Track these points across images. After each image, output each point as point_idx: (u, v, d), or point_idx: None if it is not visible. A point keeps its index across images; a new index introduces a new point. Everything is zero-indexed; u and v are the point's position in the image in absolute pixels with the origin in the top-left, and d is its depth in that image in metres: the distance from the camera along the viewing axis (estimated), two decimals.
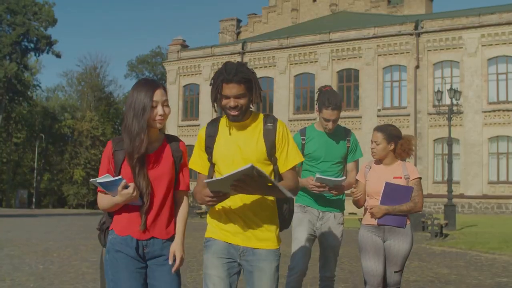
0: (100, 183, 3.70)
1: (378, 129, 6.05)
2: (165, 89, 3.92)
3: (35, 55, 76.65)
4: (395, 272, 5.83)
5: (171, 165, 3.91)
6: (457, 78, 46.08)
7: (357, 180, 6.08)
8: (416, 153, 45.94)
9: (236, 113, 3.83)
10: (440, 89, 41.79)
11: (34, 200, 76.99)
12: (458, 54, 46.28)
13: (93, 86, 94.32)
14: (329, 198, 5.91)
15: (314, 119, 48.32)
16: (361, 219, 6.09)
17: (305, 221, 5.86)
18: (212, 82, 3.89)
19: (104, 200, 3.82)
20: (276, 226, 4.00)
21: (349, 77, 50.86)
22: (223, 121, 4.00)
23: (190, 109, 58.33)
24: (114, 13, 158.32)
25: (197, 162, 4.06)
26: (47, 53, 74.64)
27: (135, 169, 3.78)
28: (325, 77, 50.79)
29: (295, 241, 5.87)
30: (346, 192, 6.10)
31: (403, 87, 48.39)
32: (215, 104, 3.89)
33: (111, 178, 3.69)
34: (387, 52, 49.04)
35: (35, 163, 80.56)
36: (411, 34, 48.00)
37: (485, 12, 46.33)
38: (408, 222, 5.86)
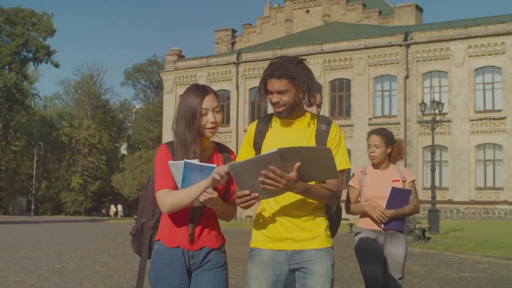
0: (191, 164, 3.50)
1: (375, 132, 5.97)
2: (216, 95, 3.77)
3: (34, 65, 78.11)
4: (399, 278, 5.76)
5: None
6: (445, 88, 47.68)
7: (350, 186, 5.97)
8: (406, 160, 47.55)
9: (279, 109, 3.69)
10: (428, 99, 43.52)
11: (32, 207, 78.06)
12: (446, 65, 47.83)
13: (90, 94, 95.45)
14: None
15: None
16: (351, 224, 6.41)
17: None
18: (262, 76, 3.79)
19: (178, 195, 3.56)
20: (326, 223, 3.78)
21: (341, 87, 52.37)
22: (275, 118, 3.85)
23: None
24: (110, 22, 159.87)
25: (244, 157, 3.73)
26: (46, 63, 76.13)
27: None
28: None
29: None
30: None
31: (393, 97, 49.93)
32: (260, 98, 3.78)
33: (204, 164, 3.54)
34: (378, 63, 50.58)
35: (34, 171, 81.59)
36: (400, 45, 49.56)
37: (471, 24, 47.92)
38: (402, 230, 5.88)
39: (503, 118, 45.39)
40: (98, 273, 12.58)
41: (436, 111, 32.58)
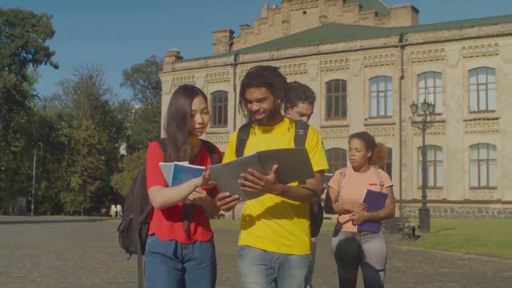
0: (181, 166, 3.68)
1: (357, 136, 6.04)
2: (204, 96, 3.96)
3: (33, 66, 78.77)
4: (379, 270, 5.81)
5: None
6: (440, 88, 48.30)
7: (329, 186, 6.05)
8: (401, 160, 48.17)
9: (260, 116, 3.83)
10: (423, 100, 44.19)
11: (32, 207, 78.59)
12: (441, 66, 48.45)
13: (89, 95, 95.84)
14: None
15: None
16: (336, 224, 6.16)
17: None
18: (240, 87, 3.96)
19: (169, 192, 3.75)
20: (308, 231, 3.98)
21: (337, 88, 52.99)
22: (255, 126, 3.99)
23: None
24: (109, 23, 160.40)
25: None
26: (45, 64, 76.75)
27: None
28: (314, 88, 51.73)
29: None
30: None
31: (389, 97, 50.54)
32: (242, 109, 3.92)
33: (194, 166, 3.72)
34: (373, 64, 51.19)
35: (33, 171, 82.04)
36: (396, 46, 50.17)
37: (466, 26, 48.52)
38: (382, 228, 6.00)
39: (497, 119, 45.98)
40: (95, 269, 13.20)
41: (427, 112, 33.12)
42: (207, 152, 4.03)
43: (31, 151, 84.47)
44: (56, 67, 77.83)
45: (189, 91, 3.91)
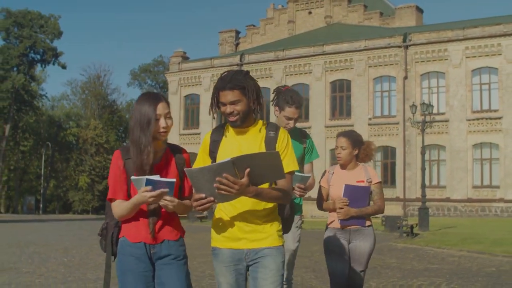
0: (151, 180, 3.76)
1: (343, 134, 6.12)
2: (167, 102, 4.07)
3: (41, 66, 79.55)
4: (360, 271, 5.98)
5: (175, 173, 4.04)
6: (443, 88, 48.75)
7: (320, 185, 6.19)
8: (405, 159, 48.63)
9: (233, 118, 3.94)
10: (426, 100, 44.75)
11: (41, 206, 79.34)
12: (444, 66, 48.91)
13: (97, 95, 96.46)
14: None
15: (309, 128, 51.05)
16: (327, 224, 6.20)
17: None
18: (213, 90, 4.05)
19: (122, 207, 3.93)
20: (278, 224, 4.08)
21: (341, 88, 53.50)
22: (228, 128, 4.10)
23: (191, 118, 61.00)
24: (116, 23, 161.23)
25: (200, 165, 3.99)
26: (53, 64, 77.51)
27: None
28: (319, 88, 53.65)
29: None
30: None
31: (393, 97, 51.03)
32: (213, 111, 4.03)
33: (164, 179, 3.80)
34: (377, 64, 51.68)
35: (42, 170, 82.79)
36: (399, 47, 50.64)
37: (469, 26, 48.96)
38: (370, 223, 6.06)
39: (499, 118, 46.41)
40: (100, 265, 13.83)
41: (426, 113, 33.60)
42: (172, 154, 4.11)
43: (40, 150, 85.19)
44: (64, 67, 78.68)
45: (153, 97, 4.03)
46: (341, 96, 53.59)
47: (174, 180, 3.78)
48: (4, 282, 11.01)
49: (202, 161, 4.10)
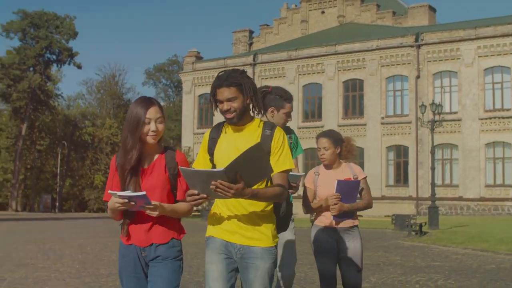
0: (120, 196, 3.86)
1: (323, 135, 6.13)
2: (160, 107, 4.14)
3: (57, 66, 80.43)
4: (357, 271, 5.98)
5: (164, 176, 4.10)
6: (455, 88, 49.00)
7: (305, 186, 6.19)
8: (418, 158, 48.84)
9: (230, 115, 4.03)
10: (439, 99, 45.10)
11: (57, 204, 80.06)
12: (456, 65, 49.12)
13: (112, 94, 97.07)
14: None
15: (322, 127, 51.34)
16: (313, 219, 6.24)
17: None
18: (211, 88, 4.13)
19: (108, 210, 4.06)
20: (272, 225, 4.15)
21: (354, 87, 53.84)
22: (226, 125, 4.19)
23: (205, 118, 61.55)
24: (131, 23, 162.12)
25: (200, 162, 4.23)
26: (69, 64, 78.28)
27: (125, 181, 4.02)
28: (332, 87, 54.03)
29: None
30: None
31: (405, 96, 51.32)
32: (213, 108, 4.14)
33: (134, 194, 3.85)
34: (390, 63, 51.98)
35: (58, 169, 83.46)
36: (412, 46, 50.92)
37: (481, 25, 49.14)
38: (357, 223, 6.12)
39: None
40: (114, 261, 14.32)
41: (436, 112, 33.86)
42: (164, 159, 4.16)
43: (56, 149, 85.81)
44: (79, 67, 79.43)
45: (146, 101, 4.11)
46: (353, 96, 53.93)
47: (144, 193, 3.81)
48: (22, 276, 11.53)
49: (202, 158, 4.24)
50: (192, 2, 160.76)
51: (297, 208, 6.36)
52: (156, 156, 4.14)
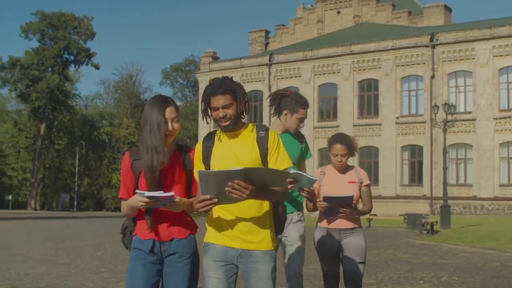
0: (150, 197, 3.89)
1: (340, 141, 6.12)
2: (176, 106, 4.20)
3: (75, 66, 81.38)
4: (359, 263, 6.02)
5: (183, 173, 4.19)
6: (470, 87, 49.13)
7: None
8: (432, 158, 49.02)
9: (226, 122, 4.05)
10: (453, 99, 45.34)
11: (75, 203, 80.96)
12: (471, 65, 49.24)
13: (129, 94, 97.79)
14: (291, 199, 5.97)
15: (337, 127, 51.75)
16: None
17: None
18: (202, 98, 4.15)
19: (125, 207, 4.15)
20: (271, 229, 4.19)
21: (369, 87, 54.12)
22: (219, 133, 4.21)
23: None
24: (148, 23, 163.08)
25: (195, 173, 4.16)
26: (87, 65, 79.29)
27: (152, 181, 4.06)
28: (347, 87, 54.36)
29: None
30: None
31: (420, 96, 51.51)
32: (207, 117, 4.16)
33: (164, 194, 3.89)
34: (405, 63, 52.20)
35: (76, 168, 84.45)
36: (426, 46, 51.09)
37: (496, 25, 49.22)
38: (359, 225, 6.18)
39: None
40: None
41: (448, 113, 34.14)
42: (180, 155, 4.24)
43: (74, 149, 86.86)
44: (97, 67, 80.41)
45: (162, 101, 4.16)
46: (369, 95, 54.19)
47: (172, 193, 3.90)
48: (44, 272, 12.09)
49: (197, 168, 4.19)
50: (209, 2, 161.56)
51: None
52: (171, 154, 4.19)
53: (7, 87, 78.21)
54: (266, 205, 4.15)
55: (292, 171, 5.33)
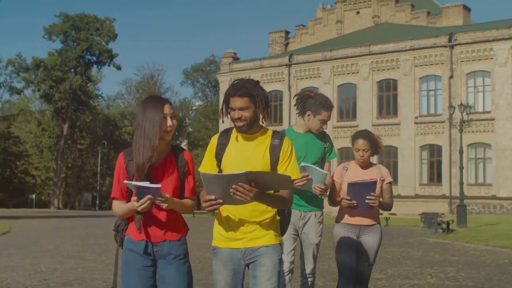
0: (137, 186, 3.87)
1: (362, 136, 6.22)
2: (171, 104, 4.18)
3: (97, 67, 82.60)
4: (368, 265, 6.20)
5: (175, 174, 4.15)
6: (489, 87, 49.34)
7: (333, 180, 6.26)
8: (451, 158, 49.27)
9: (240, 124, 4.09)
10: (472, 98, 45.64)
11: (97, 202, 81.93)
12: (489, 65, 49.47)
13: (150, 94, 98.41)
14: (309, 197, 6.05)
15: (357, 127, 52.17)
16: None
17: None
18: (224, 96, 4.20)
19: (120, 208, 4.09)
20: (276, 225, 4.26)
21: (388, 87, 54.50)
22: (235, 132, 4.25)
23: None
24: (169, 24, 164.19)
25: (207, 166, 4.26)
26: (109, 65, 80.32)
27: (142, 179, 4.00)
28: (366, 87, 54.79)
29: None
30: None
31: (438, 96, 51.81)
32: (222, 115, 4.20)
33: (151, 185, 3.86)
34: (423, 63, 52.53)
35: (98, 168, 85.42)
36: (445, 46, 51.37)
37: None
38: (378, 221, 6.30)
39: None
40: None
41: (464, 114, 34.50)
42: (174, 156, 4.22)
43: (96, 148, 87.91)
44: (119, 68, 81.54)
45: (159, 99, 4.18)
46: (387, 95, 54.56)
47: (159, 185, 3.86)
48: (72, 267, 12.80)
49: (208, 162, 4.29)
50: (230, 3, 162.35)
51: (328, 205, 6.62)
52: (165, 154, 4.20)
53: (31, 87, 79.77)
54: (270, 210, 4.20)
55: (302, 164, 5.69)
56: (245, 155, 4.15)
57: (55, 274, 11.61)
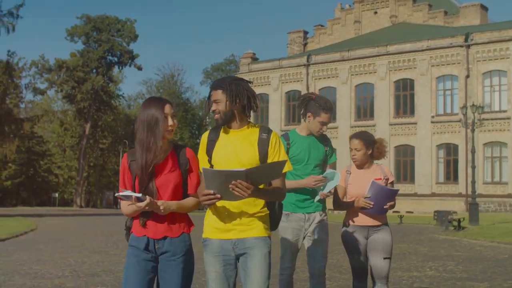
0: (124, 196, 3.97)
1: (356, 136, 6.24)
2: (171, 104, 4.28)
3: (118, 68, 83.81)
4: (385, 258, 6.07)
5: (177, 172, 4.22)
6: (505, 86, 49.72)
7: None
8: (467, 157, 49.76)
9: (216, 116, 4.25)
10: (488, 98, 46.13)
11: (119, 201, 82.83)
12: (506, 64, 49.82)
13: (171, 93, 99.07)
14: (311, 199, 6.11)
15: (374, 126, 52.87)
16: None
17: (289, 230, 6.05)
18: None
19: (127, 208, 4.15)
20: (266, 218, 4.32)
21: (405, 87, 55.03)
22: (224, 128, 4.35)
23: (261, 117, 63.33)
24: (189, 23, 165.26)
25: (200, 162, 4.35)
26: (130, 66, 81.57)
27: (145, 179, 4.13)
28: (383, 87, 55.37)
29: (282, 246, 6.10)
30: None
31: (455, 95, 52.21)
32: (207, 109, 4.33)
33: (134, 194, 3.95)
34: (440, 63, 52.99)
35: (119, 167, 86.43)
36: (461, 46, 51.82)
37: None
38: (385, 220, 6.25)
39: None
40: None
41: (476, 114, 35.12)
42: (176, 155, 4.29)
43: (117, 147, 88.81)
44: (140, 69, 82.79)
45: (159, 99, 4.26)
46: (404, 95, 55.05)
47: (140, 194, 3.96)
48: (98, 260, 13.83)
49: (201, 158, 4.39)
50: (248, 4, 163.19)
51: (331, 204, 6.67)
52: (167, 153, 4.25)
53: (54, 88, 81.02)
54: (260, 203, 4.28)
55: (328, 170, 5.99)
56: (235, 150, 4.25)
57: (84, 267, 12.62)
